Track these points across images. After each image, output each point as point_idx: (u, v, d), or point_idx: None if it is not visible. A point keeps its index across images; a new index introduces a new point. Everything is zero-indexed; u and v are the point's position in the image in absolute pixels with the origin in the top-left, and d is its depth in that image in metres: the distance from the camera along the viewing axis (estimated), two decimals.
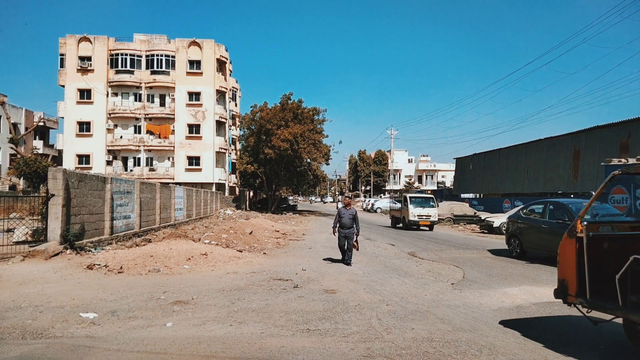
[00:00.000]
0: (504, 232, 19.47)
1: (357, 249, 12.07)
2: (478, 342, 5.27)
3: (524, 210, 14.15)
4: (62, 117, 43.67)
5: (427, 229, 24.80)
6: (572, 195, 25.67)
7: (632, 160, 17.65)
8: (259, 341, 5.25)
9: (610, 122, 25.57)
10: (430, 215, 24.29)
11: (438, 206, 27.03)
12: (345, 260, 11.62)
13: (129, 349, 4.95)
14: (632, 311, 4.41)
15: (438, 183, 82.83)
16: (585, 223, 4.94)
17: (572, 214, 11.46)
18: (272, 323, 6.01)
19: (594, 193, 23.67)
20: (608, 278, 4.74)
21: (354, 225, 11.56)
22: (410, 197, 25.04)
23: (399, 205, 27.45)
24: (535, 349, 5.07)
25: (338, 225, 11.77)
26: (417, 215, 24.17)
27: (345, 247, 11.60)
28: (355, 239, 11.65)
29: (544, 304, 7.30)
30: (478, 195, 41.85)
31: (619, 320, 5.07)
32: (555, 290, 5.37)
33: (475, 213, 31.12)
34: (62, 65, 43.14)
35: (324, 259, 12.49)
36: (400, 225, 26.50)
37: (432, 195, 26.62)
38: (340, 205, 14.42)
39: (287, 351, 4.92)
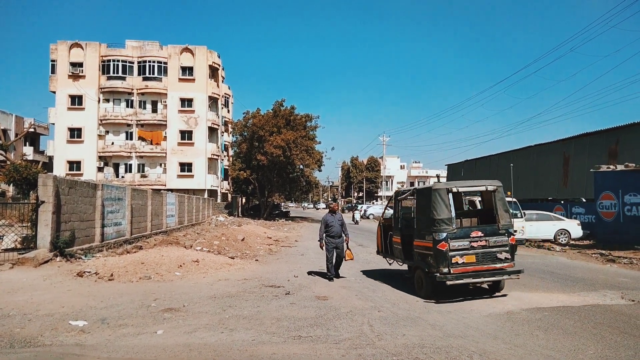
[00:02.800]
0: None
1: (353, 258, 10.61)
2: (469, 348, 5.30)
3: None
4: (53, 123, 43.38)
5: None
6: (562, 202, 25.90)
7: (620, 167, 17.89)
8: (250, 348, 5.24)
9: (599, 129, 25.88)
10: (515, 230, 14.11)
11: (525, 215, 18.77)
12: (332, 274, 10.18)
13: (118, 356, 4.91)
14: (391, 256, 10.30)
15: None
16: (382, 219, 11.24)
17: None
18: (264, 330, 6.00)
19: (584, 199, 23.88)
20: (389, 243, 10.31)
21: (343, 233, 10.37)
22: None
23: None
24: (525, 355, 5.11)
25: (325, 235, 10.24)
26: None
27: (336, 258, 10.27)
28: (346, 247, 10.35)
29: (534, 310, 7.35)
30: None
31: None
32: (377, 251, 11.36)
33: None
34: (53, 72, 42.92)
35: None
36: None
37: (514, 199, 16.16)
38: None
39: (278, 358, 4.91)
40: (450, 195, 8.30)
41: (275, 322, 6.38)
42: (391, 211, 10.85)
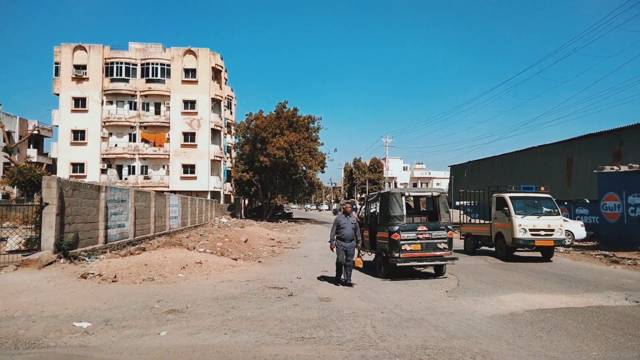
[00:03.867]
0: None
1: (362, 266, 9.90)
2: (472, 349, 5.29)
3: None
4: (57, 126, 43.55)
5: (541, 255, 14.71)
6: (565, 203, 25.83)
7: (624, 168, 17.83)
8: (253, 349, 5.25)
9: (602, 130, 25.83)
10: (552, 230, 14.02)
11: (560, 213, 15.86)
12: (344, 279, 9.61)
13: (122, 358, 4.93)
14: (363, 247, 11.18)
15: None
16: (358, 217, 11.94)
17: None
18: (267, 331, 6.01)
19: (587, 200, 23.76)
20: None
21: (356, 237, 9.67)
22: (511, 198, 14.55)
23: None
24: (528, 356, 5.10)
25: (336, 237, 9.66)
26: (530, 230, 13.86)
27: (345, 262, 9.54)
28: (357, 253, 9.77)
29: (537, 311, 7.33)
30: (473, 203, 41.97)
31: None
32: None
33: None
34: (57, 74, 43.11)
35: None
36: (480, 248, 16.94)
37: (549, 195, 15.22)
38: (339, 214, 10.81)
39: (281, 359, 4.92)
40: (403, 198, 10.73)
41: (278, 324, 6.39)
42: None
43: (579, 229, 19.85)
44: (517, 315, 7.10)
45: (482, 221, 17.21)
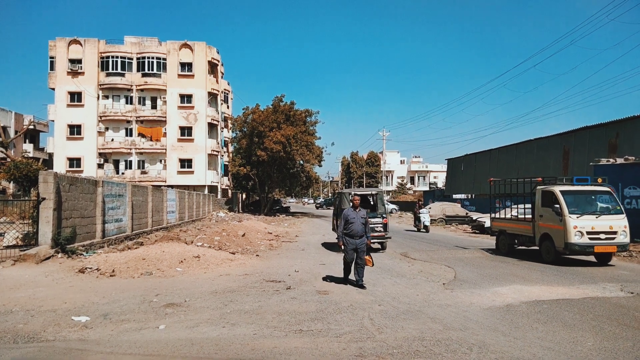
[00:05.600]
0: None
1: (372, 265, 9.02)
2: (468, 341, 5.34)
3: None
4: (53, 120, 43.41)
5: (596, 260, 12.39)
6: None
7: (620, 160, 17.91)
8: (251, 342, 5.28)
9: (599, 122, 25.89)
10: (615, 233, 11.68)
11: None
12: (356, 280, 8.67)
13: (121, 351, 4.96)
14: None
15: (430, 184, 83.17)
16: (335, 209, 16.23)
17: None
18: (265, 324, 6.04)
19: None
20: None
21: (366, 233, 8.78)
22: (563, 193, 12.21)
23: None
24: (524, 347, 5.15)
25: (344, 233, 8.77)
26: (588, 234, 11.55)
27: (356, 262, 8.65)
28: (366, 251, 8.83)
29: (533, 302, 7.40)
30: (470, 196, 42.11)
31: None
32: (332, 228, 15.99)
33: (467, 213, 31.30)
34: (52, 68, 42.87)
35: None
36: (518, 247, 14.72)
37: (608, 188, 12.76)
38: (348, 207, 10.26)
39: (279, 352, 4.95)
40: (349, 195, 13.75)
41: (276, 317, 6.42)
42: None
43: None
44: (513, 307, 7.15)
45: (520, 217, 14.24)
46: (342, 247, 8.79)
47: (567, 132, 28.66)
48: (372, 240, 11.21)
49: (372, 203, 16.34)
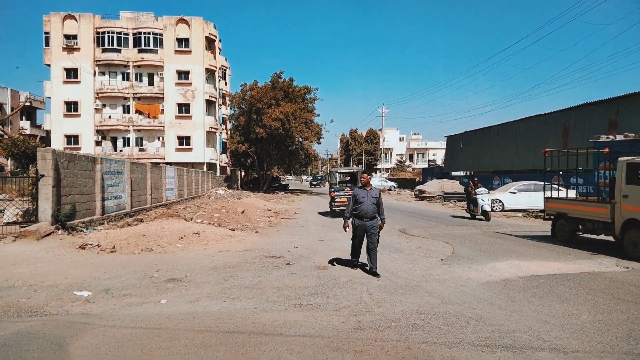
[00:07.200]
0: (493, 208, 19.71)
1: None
2: (465, 314, 5.42)
3: None
4: (49, 97, 42.97)
5: None
6: (560, 172, 25.94)
7: (619, 137, 17.87)
8: (252, 316, 5.36)
9: (599, 99, 25.73)
10: None
11: None
12: (370, 267, 7.83)
13: (124, 324, 5.03)
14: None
15: (429, 161, 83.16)
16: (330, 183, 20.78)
17: None
18: (265, 299, 6.12)
19: (582, 169, 23.97)
20: None
21: (379, 214, 7.95)
22: None
23: None
24: (520, 320, 5.23)
25: (353, 213, 7.97)
26: None
27: (368, 247, 7.84)
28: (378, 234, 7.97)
29: (530, 277, 7.49)
30: (468, 173, 42.17)
31: None
32: (329, 202, 19.67)
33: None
34: (47, 44, 42.25)
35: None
36: None
37: None
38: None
39: (279, 325, 5.03)
40: (337, 173, 19.96)
41: (276, 291, 6.50)
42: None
43: None
44: (510, 281, 7.25)
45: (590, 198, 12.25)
46: (346, 229, 8.04)
47: (567, 108, 28.48)
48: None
49: (355, 178, 20.07)
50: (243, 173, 53.40)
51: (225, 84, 51.22)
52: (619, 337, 4.71)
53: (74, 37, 42.16)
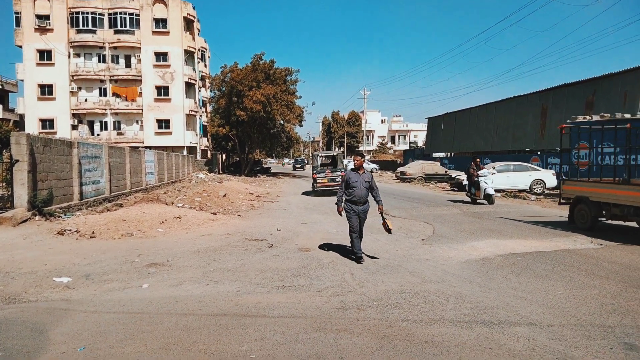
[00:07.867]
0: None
1: (390, 231, 7.94)
2: (445, 292, 5.54)
3: None
4: (22, 80, 41.60)
5: None
6: (538, 152, 26.41)
7: (595, 117, 18.18)
8: (235, 298, 5.38)
9: (577, 80, 26.12)
10: None
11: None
12: (355, 252, 7.42)
13: (106, 310, 5.00)
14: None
15: (410, 143, 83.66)
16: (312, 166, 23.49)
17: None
18: (248, 281, 6.14)
19: (558, 150, 24.36)
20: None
21: (375, 198, 7.70)
22: None
23: None
24: (498, 297, 5.37)
25: (345, 199, 7.57)
26: None
27: (356, 233, 7.47)
28: (382, 217, 7.88)
29: (508, 255, 7.66)
30: (449, 154, 42.61)
31: None
32: (312, 183, 21.29)
33: (446, 172, 31.71)
34: (18, 24, 40.70)
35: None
36: None
37: None
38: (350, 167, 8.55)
39: (263, 306, 5.06)
40: (319, 157, 22.95)
41: (259, 274, 6.53)
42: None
43: (550, 178, 20.45)
44: (488, 259, 7.41)
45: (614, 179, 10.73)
46: (341, 213, 7.59)
47: (545, 89, 28.86)
48: (331, 188, 18.50)
49: (335, 161, 22.32)
50: (224, 156, 52.95)
51: (205, 65, 50.34)
52: (591, 310, 4.87)
53: (47, 17, 40.69)
